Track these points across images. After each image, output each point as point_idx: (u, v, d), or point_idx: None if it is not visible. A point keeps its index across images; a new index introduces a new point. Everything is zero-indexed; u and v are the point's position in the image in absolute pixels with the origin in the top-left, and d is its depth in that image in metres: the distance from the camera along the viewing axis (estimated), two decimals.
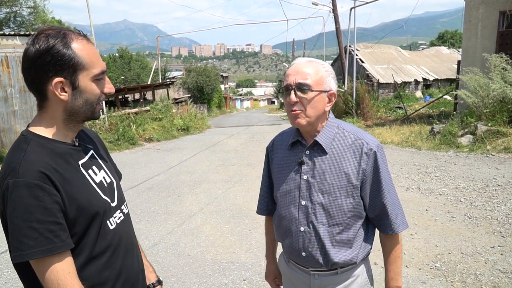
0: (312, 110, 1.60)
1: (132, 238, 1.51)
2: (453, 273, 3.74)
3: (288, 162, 1.75)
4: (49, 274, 1.16)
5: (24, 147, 1.22)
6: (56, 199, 1.17)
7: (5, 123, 10.98)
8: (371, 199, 1.67)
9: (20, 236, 1.13)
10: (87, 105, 1.28)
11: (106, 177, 1.41)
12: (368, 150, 1.62)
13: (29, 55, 1.20)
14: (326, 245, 1.64)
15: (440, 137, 10.50)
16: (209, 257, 4.41)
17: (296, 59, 1.71)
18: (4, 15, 19.21)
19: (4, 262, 4.45)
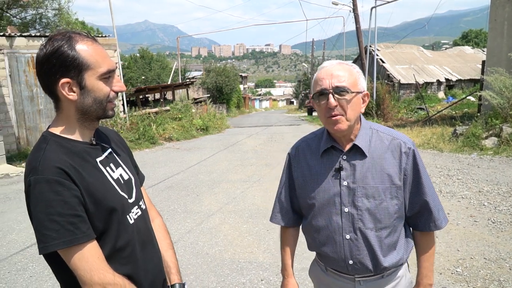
0: (352, 112, 1.56)
1: (151, 233, 1.52)
2: (475, 279, 3.66)
3: (322, 169, 1.68)
4: (80, 262, 1.20)
5: (43, 146, 1.26)
6: (75, 193, 1.21)
7: (31, 121, 11.24)
8: (412, 197, 1.63)
9: (43, 229, 1.17)
10: (96, 104, 1.31)
11: (123, 174, 1.44)
12: (407, 149, 1.60)
13: (38, 60, 1.26)
14: (376, 250, 1.60)
15: (463, 139, 10.31)
16: (227, 257, 4.42)
17: (325, 62, 1.66)
18: (30, 17, 19.67)
19: (29, 256, 4.55)
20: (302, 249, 4.41)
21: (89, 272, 1.20)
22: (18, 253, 4.68)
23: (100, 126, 1.49)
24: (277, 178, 6.65)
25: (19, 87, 10.90)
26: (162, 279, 1.53)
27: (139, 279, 1.38)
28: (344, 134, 1.62)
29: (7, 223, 5.74)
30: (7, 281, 4.01)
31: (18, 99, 10.92)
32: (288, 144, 12.91)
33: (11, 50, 10.70)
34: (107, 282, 1.21)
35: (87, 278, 1.20)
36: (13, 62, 10.74)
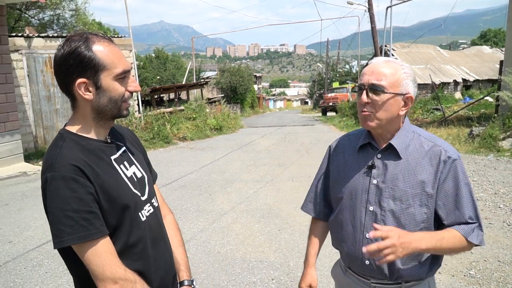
0: (383, 113, 1.54)
1: (162, 230, 1.56)
2: (489, 282, 3.63)
3: (356, 164, 1.68)
4: (93, 257, 1.24)
5: (60, 144, 1.31)
6: (89, 190, 1.25)
7: (48, 121, 11.42)
8: (446, 209, 1.56)
9: (58, 225, 1.22)
10: (111, 103, 1.34)
11: (137, 172, 1.48)
12: (446, 158, 1.53)
13: (56, 60, 1.30)
14: None
15: (479, 140, 10.17)
16: (238, 256, 4.45)
17: (374, 59, 1.63)
18: (48, 18, 20.00)
19: (45, 252, 4.64)
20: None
21: (101, 267, 1.24)
22: (34, 249, 4.77)
23: (115, 125, 1.53)
24: (290, 178, 6.76)
25: (36, 87, 11.10)
26: (172, 275, 1.56)
27: (150, 275, 1.41)
28: (379, 133, 1.61)
29: (24, 220, 5.85)
30: (23, 276, 4.09)
31: (36, 99, 11.11)
32: (301, 144, 12.89)
33: (29, 50, 10.89)
34: (118, 277, 1.25)
35: (99, 272, 1.24)
36: (31, 62, 10.93)
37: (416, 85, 1.60)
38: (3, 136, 9.14)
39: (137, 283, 1.31)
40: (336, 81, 40.58)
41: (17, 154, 9.54)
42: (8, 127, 9.25)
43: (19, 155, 9.60)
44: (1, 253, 4.68)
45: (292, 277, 3.90)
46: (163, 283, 1.49)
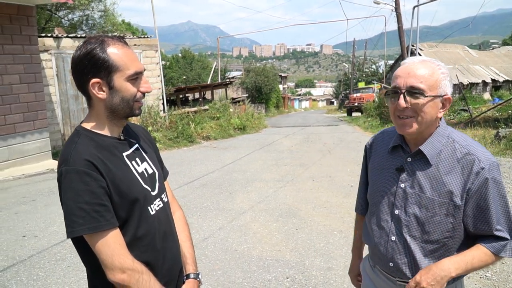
0: (424, 117, 1.47)
1: (171, 225, 1.62)
2: (505, 284, 3.56)
3: (387, 166, 1.66)
4: (103, 247, 1.32)
5: (75, 140, 1.39)
6: (101, 184, 1.33)
7: (76, 119, 11.74)
8: (475, 221, 1.50)
9: (71, 216, 1.30)
10: (124, 103, 1.42)
11: (148, 168, 1.55)
12: (480, 169, 1.44)
13: (73, 60, 1.39)
14: (417, 260, 1.54)
15: (505, 142, 9.92)
16: (255, 254, 4.49)
17: (408, 59, 1.55)
18: (77, 18, 20.52)
19: (68, 247, 4.79)
20: (328, 249, 4.45)
21: (110, 257, 1.31)
22: (58, 244, 4.94)
23: (130, 123, 1.61)
24: (310, 178, 6.77)
25: (65, 86, 11.42)
26: (179, 268, 1.63)
27: (157, 266, 1.48)
28: (414, 137, 1.56)
29: (49, 215, 6.05)
30: (46, 270, 4.25)
31: (64, 98, 11.44)
32: (324, 144, 12.83)
33: (58, 50, 11.22)
34: (126, 267, 1.32)
35: (108, 262, 1.31)
36: (59, 62, 11.26)
37: (452, 85, 1.53)
38: (32, 134, 9.45)
39: (144, 273, 1.38)
40: (362, 81, 40.17)
41: (46, 152, 9.85)
42: (37, 125, 9.56)
43: (47, 152, 9.91)
44: (26, 247, 4.86)
45: (307, 276, 3.92)
46: (170, 275, 1.55)
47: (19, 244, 4.93)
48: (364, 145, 1.87)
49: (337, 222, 5.43)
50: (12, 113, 8.92)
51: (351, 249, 2.08)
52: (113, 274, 1.32)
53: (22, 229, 5.48)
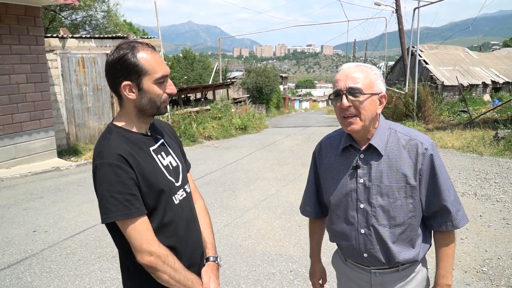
0: (365, 113, 1.64)
1: (193, 213, 1.78)
2: (500, 277, 3.72)
3: (341, 167, 1.78)
4: (132, 232, 1.47)
5: (108, 136, 1.55)
6: (131, 176, 1.48)
7: (80, 118, 11.89)
8: (428, 198, 1.69)
9: (105, 203, 1.46)
10: (151, 103, 1.57)
11: (172, 162, 1.70)
12: (424, 150, 1.65)
13: (107, 64, 1.55)
14: (389, 245, 1.69)
15: (504, 143, 10.07)
16: (259, 249, 4.65)
17: (343, 65, 1.74)
18: (81, 18, 20.69)
19: (78, 242, 4.96)
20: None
21: (139, 241, 1.47)
22: (68, 239, 5.10)
23: (156, 120, 1.76)
24: None
25: (69, 86, 11.56)
26: (200, 252, 1.78)
27: (181, 250, 1.63)
28: (360, 134, 1.71)
29: (58, 211, 6.21)
30: (58, 263, 4.41)
31: (69, 97, 11.58)
32: None
33: (63, 50, 11.37)
34: (153, 251, 1.48)
35: (137, 245, 1.47)
36: (64, 62, 11.40)
37: (385, 84, 1.72)
38: (38, 133, 9.61)
39: (169, 257, 1.54)
40: None
41: (51, 150, 10.01)
42: (43, 124, 9.72)
43: (53, 151, 10.07)
44: (37, 242, 5.02)
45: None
46: (192, 258, 1.71)
47: (30, 239, 5.09)
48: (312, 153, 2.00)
49: None
50: (19, 112, 9.09)
51: (309, 255, 2.17)
52: (141, 256, 1.48)
53: (32, 224, 5.64)
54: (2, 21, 8.63)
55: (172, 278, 1.53)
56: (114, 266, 4.28)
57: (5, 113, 8.80)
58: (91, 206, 6.45)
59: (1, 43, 8.65)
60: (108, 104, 12.60)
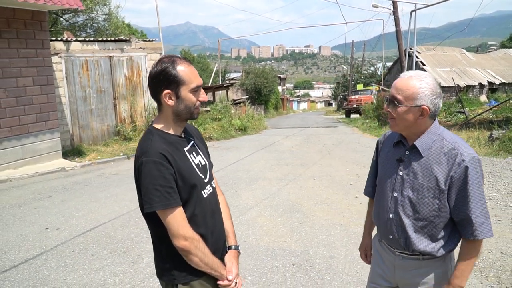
0: (400, 121, 1.87)
1: (218, 206, 2.04)
2: (489, 269, 3.98)
3: (391, 157, 2.03)
4: (171, 219, 1.72)
5: (150, 137, 1.79)
6: (171, 172, 1.73)
7: (84, 120, 12.13)
8: (456, 205, 1.83)
9: (149, 195, 1.70)
10: (186, 109, 1.82)
11: (201, 160, 1.96)
12: (461, 161, 1.79)
13: (150, 75, 1.80)
14: (409, 233, 1.92)
15: (499, 143, 10.33)
16: (262, 244, 4.90)
17: (403, 73, 1.92)
18: (82, 21, 20.91)
19: (90, 238, 5.19)
20: (330, 240, 4.85)
21: (176, 228, 1.72)
22: (79, 235, 5.33)
23: (187, 124, 2.00)
24: (311, 177, 7.25)
25: (73, 88, 11.80)
26: (223, 240, 2.03)
27: (208, 238, 1.88)
28: (406, 134, 1.95)
29: (67, 210, 6.44)
30: (72, 258, 4.64)
31: (73, 99, 11.82)
32: (323, 145, 13.24)
33: (67, 53, 11.61)
34: (188, 236, 1.74)
35: (175, 231, 1.73)
36: (69, 65, 11.65)
37: (436, 96, 1.83)
38: (44, 134, 9.84)
39: (200, 242, 1.80)
40: (361, 83, 40.58)
41: (56, 151, 10.24)
42: (49, 125, 9.95)
43: (58, 151, 10.30)
44: (50, 238, 5.25)
45: (311, 263, 4.33)
46: (217, 245, 1.96)
47: (43, 236, 5.33)
48: (376, 141, 2.28)
49: (337, 217, 5.83)
50: (26, 114, 9.32)
51: (363, 229, 2.46)
52: (178, 241, 1.73)
53: (44, 222, 5.87)
54: (10, 25, 8.88)
55: (202, 261, 1.79)
56: (126, 260, 4.53)
57: (12, 115, 9.04)
58: (99, 205, 6.69)
59: (9, 47, 8.89)
60: (110, 106, 12.84)
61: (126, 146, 12.35)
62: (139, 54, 13.45)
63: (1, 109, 8.83)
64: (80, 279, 4.10)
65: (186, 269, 1.82)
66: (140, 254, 4.70)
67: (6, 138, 8.97)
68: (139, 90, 13.60)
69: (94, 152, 11.47)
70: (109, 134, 12.87)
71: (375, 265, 2.24)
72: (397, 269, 2.05)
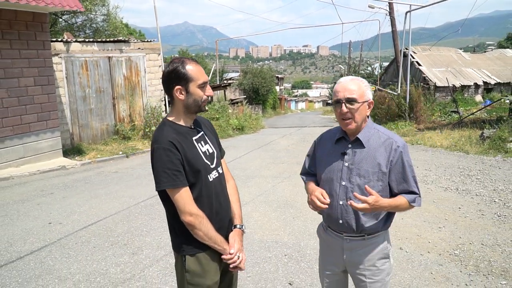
0: (358, 116, 2.17)
1: (223, 189, 2.29)
2: (469, 259, 4.23)
3: (334, 152, 2.29)
4: (178, 197, 2.01)
5: (163, 127, 2.10)
6: (178, 157, 2.02)
7: (83, 119, 12.34)
8: (397, 182, 2.18)
9: (159, 176, 2.01)
10: (195, 103, 2.12)
11: (209, 149, 2.24)
12: (396, 147, 2.17)
13: (164, 74, 2.10)
14: (360, 215, 2.19)
15: (489, 142, 10.60)
16: (256, 237, 5.14)
17: (341, 78, 2.25)
18: (81, 22, 21.11)
19: (91, 232, 5.42)
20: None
21: (183, 205, 2.02)
22: (81, 229, 5.56)
23: (199, 117, 2.31)
24: None
25: (73, 88, 12.02)
26: (228, 219, 2.29)
27: (212, 217, 2.15)
28: (353, 131, 2.23)
29: (69, 206, 6.67)
30: (75, 250, 4.88)
31: (73, 99, 12.03)
32: None
33: (67, 54, 11.82)
34: (193, 212, 2.03)
35: (181, 207, 2.02)
36: (69, 65, 11.86)
37: (371, 92, 2.25)
38: (45, 133, 10.07)
39: (204, 218, 2.07)
40: None
41: (57, 150, 10.47)
42: (50, 124, 10.17)
43: (58, 150, 10.53)
44: (54, 232, 5.48)
45: (302, 254, 4.57)
46: (220, 223, 2.21)
47: (47, 229, 5.56)
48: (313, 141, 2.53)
49: None
50: (27, 114, 9.55)
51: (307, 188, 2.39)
52: (184, 216, 2.02)
53: (47, 217, 6.10)
54: (12, 27, 9.10)
55: (206, 235, 2.07)
56: (126, 252, 4.76)
57: (14, 115, 9.26)
58: (99, 201, 6.92)
59: (11, 48, 9.12)
60: (110, 105, 13.06)
61: (125, 145, 12.57)
62: (137, 54, 13.67)
63: (3, 109, 9.06)
64: (83, 269, 4.34)
65: (192, 243, 2.11)
66: (140, 246, 4.94)
67: (8, 137, 9.20)
68: (137, 90, 13.82)
69: (94, 151, 11.68)
70: (108, 133, 13.08)
71: (323, 254, 2.49)
72: (345, 251, 2.30)
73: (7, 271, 4.32)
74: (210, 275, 2.16)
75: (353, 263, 2.30)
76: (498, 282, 3.76)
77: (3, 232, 5.51)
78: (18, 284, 4.04)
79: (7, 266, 4.44)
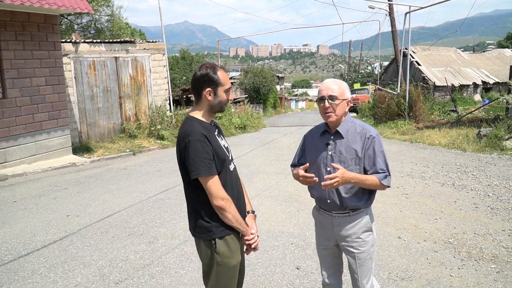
0: (339, 111, 2.58)
1: (239, 178, 2.63)
2: (462, 247, 4.58)
3: (319, 143, 2.70)
4: (211, 184, 2.29)
5: (191, 123, 2.38)
6: (210, 148, 2.31)
7: (91, 118, 12.68)
8: (370, 165, 2.56)
9: (196, 165, 2.26)
10: (219, 104, 2.44)
11: (225, 143, 2.56)
12: (369, 136, 2.58)
13: (196, 76, 2.39)
14: (342, 195, 2.59)
15: (486, 140, 10.92)
16: (264, 228, 5.48)
17: (325, 80, 2.70)
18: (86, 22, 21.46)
19: (109, 223, 5.76)
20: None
21: (215, 190, 2.30)
22: (99, 221, 5.90)
23: None
24: None
25: (82, 87, 12.35)
26: (244, 205, 2.62)
27: (234, 201, 2.43)
28: (333, 124, 2.65)
29: (84, 200, 7.01)
30: (96, 239, 5.22)
31: (81, 98, 12.37)
32: None
33: (76, 54, 12.15)
34: (224, 197, 2.32)
35: (214, 193, 2.29)
36: (77, 65, 12.19)
37: (350, 92, 2.67)
38: (56, 131, 10.41)
39: (231, 203, 2.38)
40: (358, 82, 41.19)
41: (67, 147, 10.81)
42: (60, 123, 10.51)
43: (68, 148, 10.87)
44: (72, 224, 5.82)
45: (308, 242, 4.91)
46: (240, 208, 2.51)
47: (66, 221, 5.90)
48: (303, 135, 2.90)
49: None
50: (39, 112, 9.89)
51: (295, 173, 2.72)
52: (217, 201, 2.30)
53: (64, 210, 6.44)
54: (25, 28, 9.43)
55: (233, 217, 2.36)
56: (143, 241, 5.11)
57: (27, 113, 9.60)
58: (112, 196, 7.26)
59: (24, 49, 9.45)
60: (116, 104, 13.39)
61: (131, 143, 12.91)
62: (143, 54, 14.01)
63: (16, 108, 9.40)
64: (105, 256, 4.68)
65: (221, 225, 2.37)
66: (156, 236, 5.28)
67: (21, 135, 9.54)
68: (143, 90, 14.16)
69: (102, 149, 12.01)
70: (115, 132, 13.41)
71: (318, 231, 2.87)
72: (335, 227, 2.69)
73: (35, 258, 4.66)
74: (236, 255, 2.45)
75: (342, 237, 2.68)
76: (488, 266, 4.10)
77: (25, 223, 5.85)
78: (47, 269, 4.39)
79: (34, 254, 4.78)
